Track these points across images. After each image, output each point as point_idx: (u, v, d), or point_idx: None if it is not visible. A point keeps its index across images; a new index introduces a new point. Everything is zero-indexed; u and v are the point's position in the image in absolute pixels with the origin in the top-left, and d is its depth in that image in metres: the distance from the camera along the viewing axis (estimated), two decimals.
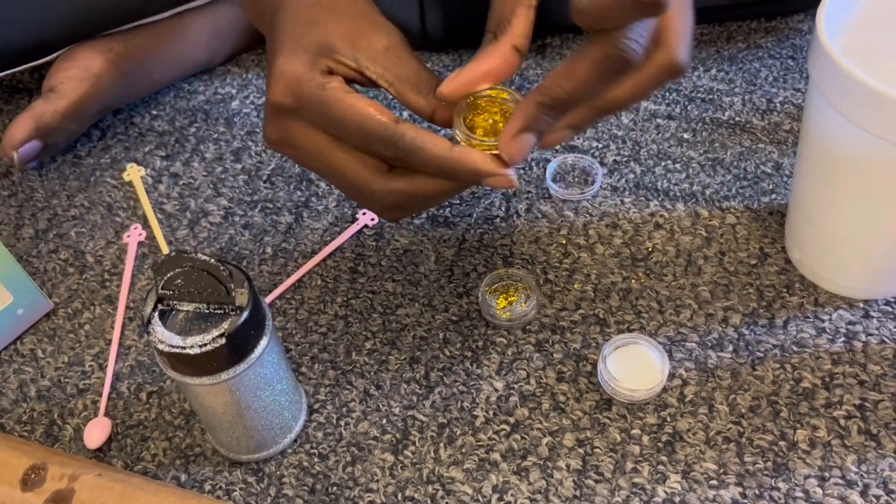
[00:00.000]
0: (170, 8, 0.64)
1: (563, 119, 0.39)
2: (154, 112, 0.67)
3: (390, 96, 0.43)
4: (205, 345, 0.38)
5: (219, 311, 0.40)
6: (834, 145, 0.44)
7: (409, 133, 0.39)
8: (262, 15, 0.44)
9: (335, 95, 0.39)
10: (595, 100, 0.39)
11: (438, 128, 0.45)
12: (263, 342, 0.41)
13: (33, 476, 0.44)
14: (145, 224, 0.59)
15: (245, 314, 0.39)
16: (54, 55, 0.62)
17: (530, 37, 0.38)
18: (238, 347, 0.39)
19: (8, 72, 0.60)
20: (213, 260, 0.38)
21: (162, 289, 0.39)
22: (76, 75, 0.60)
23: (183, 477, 0.46)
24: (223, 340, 0.38)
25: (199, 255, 0.39)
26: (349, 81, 0.41)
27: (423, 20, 0.68)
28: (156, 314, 0.40)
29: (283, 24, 0.41)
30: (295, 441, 0.47)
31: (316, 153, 0.41)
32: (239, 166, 0.62)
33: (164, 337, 0.39)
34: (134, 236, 0.58)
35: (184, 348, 0.38)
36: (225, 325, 0.39)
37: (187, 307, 0.40)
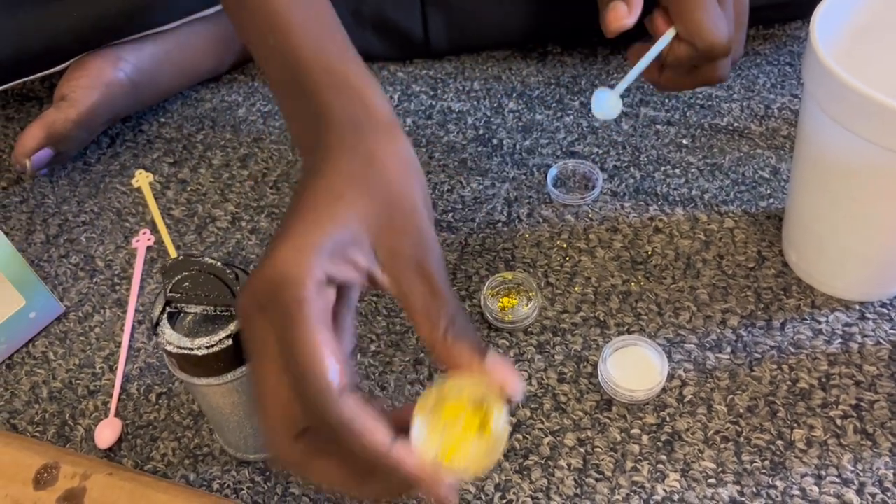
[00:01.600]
0: (178, 18, 0.65)
1: None
2: (162, 119, 0.69)
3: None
4: (212, 346, 0.39)
5: (225, 314, 0.41)
6: (828, 150, 0.45)
7: (349, 411, 0.32)
8: (303, 136, 0.39)
9: (304, 317, 0.33)
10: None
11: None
12: None
13: (46, 475, 0.45)
14: (154, 229, 0.60)
15: None
16: (66, 64, 0.63)
17: None
18: (244, 348, 0.40)
19: (21, 81, 0.62)
20: (219, 263, 0.40)
21: (170, 292, 0.41)
22: (87, 84, 0.61)
23: (192, 476, 0.47)
24: (230, 342, 0.39)
25: (206, 258, 0.40)
26: (345, 284, 0.35)
27: (425, 29, 0.69)
28: (164, 317, 0.41)
29: (317, 183, 0.35)
30: None
31: (257, 357, 0.34)
32: (245, 172, 0.64)
33: (172, 338, 0.40)
34: (143, 241, 0.60)
35: (192, 349, 0.39)
36: (231, 327, 0.40)
37: (195, 309, 0.41)
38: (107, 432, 0.49)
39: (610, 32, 0.46)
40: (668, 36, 0.46)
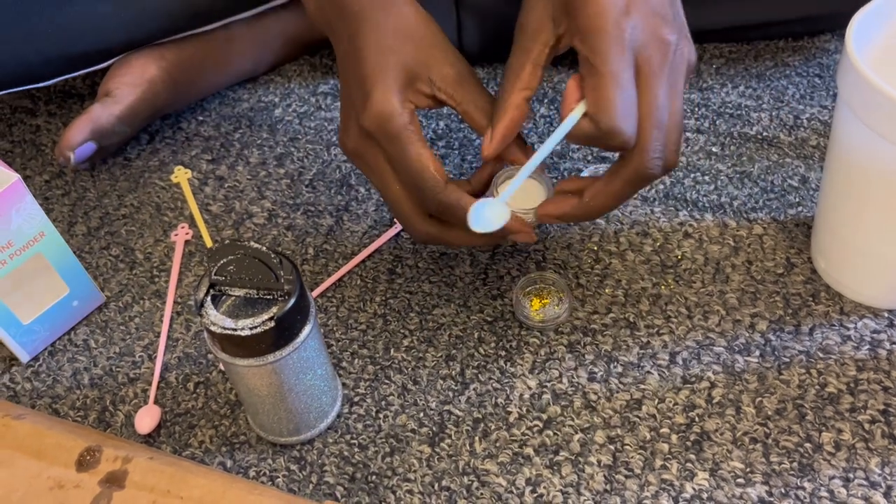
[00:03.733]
0: (219, 20, 0.66)
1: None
2: (200, 118, 0.70)
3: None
4: (255, 327, 0.40)
5: (267, 297, 0.42)
6: (860, 157, 0.46)
7: (454, 194, 0.45)
8: (331, 21, 0.49)
9: (409, 139, 0.46)
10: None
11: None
12: (308, 328, 0.43)
13: (88, 458, 0.46)
14: (192, 224, 0.62)
15: (293, 299, 0.41)
16: (110, 62, 0.65)
17: (536, 89, 0.45)
18: (285, 331, 0.42)
19: (68, 76, 0.63)
20: (264, 248, 0.41)
21: (215, 274, 0.42)
22: (131, 81, 0.63)
23: (229, 463, 0.48)
24: (272, 324, 0.41)
25: (252, 243, 0.41)
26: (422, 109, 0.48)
27: (459, 36, 0.70)
28: (208, 298, 0.42)
29: (366, 48, 0.46)
30: (330, 427, 0.49)
31: (380, 177, 0.48)
32: (282, 171, 0.65)
33: (216, 319, 0.41)
34: (181, 235, 0.61)
35: (235, 330, 0.41)
36: (274, 310, 0.41)
37: (238, 292, 0.42)
38: (146, 419, 0.50)
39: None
40: (576, 114, 0.42)
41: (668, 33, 0.42)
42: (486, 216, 0.44)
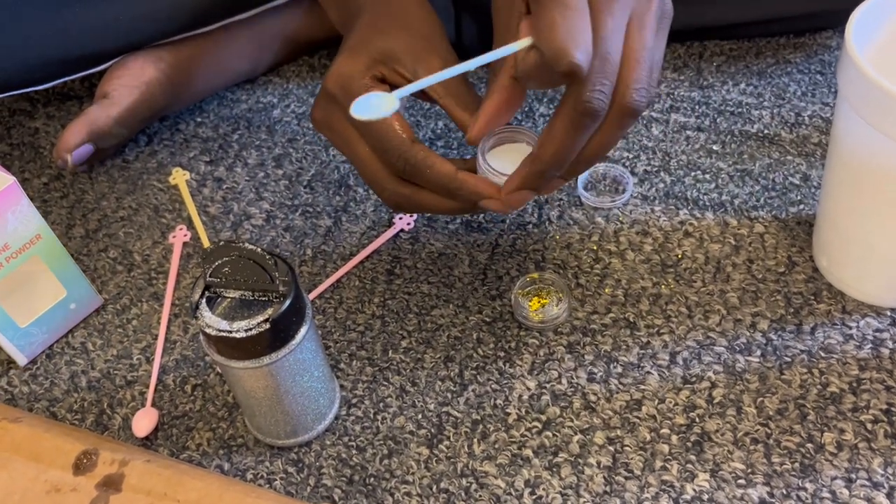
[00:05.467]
0: (217, 21, 0.66)
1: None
2: (199, 119, 0.70)
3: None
4: (250, 329, 0.40)
5: (263, 299, 0.42)
6: (861, 154, 0.46)
7: (421, 153, 0.45)
8: (346, 20, 0.51)
9: None
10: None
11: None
12: (304, 329, 0.43)
13: (85, 461, 0.46)
14: (190, 225, 0.62)
15: (288, 301, 0.41)
16: (108, 64, 0.65)
17: None
18: (280, 333, 0.41)
19: (66, 79, 0.63)
20: (259, 249, 0.41)
21: (210, 276, 0.42)
22: (128, 83, 0.63)
23: (226, 466, 0.48)
24: (267, 325, 0.40)
25: (246, 244, 0.41)
26: (395, 86, 0.46)
27: (458, 32, 0.70)
28: (203, 300, 0.42)
29: (358, 26, 0.48)
30: (328, 429, 0.49)
31: (346, 141, 0.48)
32: (280, 172, 0.65)
33: (211, 321, 0.41)
34: (179, 237, 0.61)
35: (230, 332, 0.40)
36: (269, 311, 0.41)
37: (233, 294, 0.42)
38: (144, 421, 0.50)
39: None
40: (519, 43, 0.39)
41: None
42: (370, 102, 0.39)
